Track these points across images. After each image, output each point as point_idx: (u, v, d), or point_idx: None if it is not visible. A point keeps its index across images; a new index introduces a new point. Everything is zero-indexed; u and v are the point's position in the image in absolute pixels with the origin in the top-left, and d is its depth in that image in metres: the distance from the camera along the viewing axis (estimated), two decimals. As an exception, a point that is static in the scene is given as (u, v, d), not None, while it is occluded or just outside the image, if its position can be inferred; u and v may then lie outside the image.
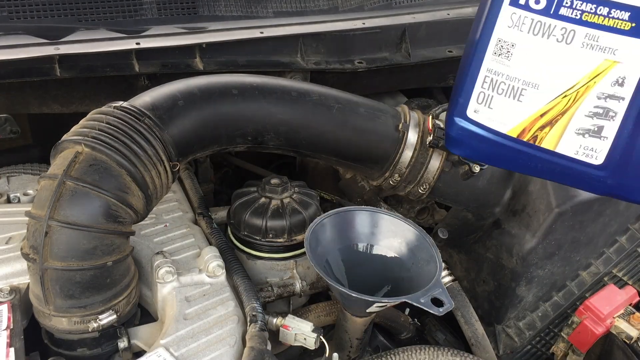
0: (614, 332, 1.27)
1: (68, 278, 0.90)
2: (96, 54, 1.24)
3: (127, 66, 1.29)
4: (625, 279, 1.45)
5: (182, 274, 1.07)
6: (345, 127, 1.15)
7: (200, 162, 1.62)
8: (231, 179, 1.89)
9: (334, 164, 1.31)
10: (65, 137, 0.95)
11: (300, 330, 1.05)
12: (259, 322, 0.99)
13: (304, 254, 1.25)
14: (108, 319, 0.95)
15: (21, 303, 0.98)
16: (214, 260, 1.08)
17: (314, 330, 1.05)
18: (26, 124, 1.55)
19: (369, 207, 1.17)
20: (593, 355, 1.35)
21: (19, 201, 1.25)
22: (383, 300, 1.02)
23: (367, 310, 1.05)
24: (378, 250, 1.13)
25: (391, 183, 1.23)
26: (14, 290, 0.99)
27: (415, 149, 1.19)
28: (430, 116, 1.21)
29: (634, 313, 1.29)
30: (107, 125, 0.95)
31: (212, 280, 1.08)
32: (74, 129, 0.97)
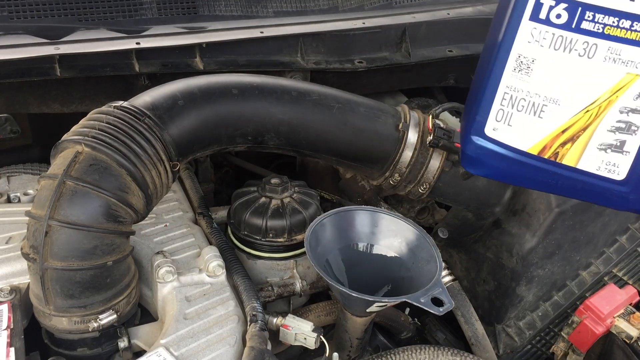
0: (614, 332, 1.27)
1: (68, 278, 0.90)
2: (96, 53, 1.24)
3: (127, 66, 1.29)
4: (625, 278, 1.45)
5: (182, 274, 1.07)
6: (345, 127, 1.15)
7: (201, 162, 1.62)
8: (231, 178, 1.89)
9: (334, 163, 1.31)
10: (65, 137, 0.95)
11: (301, 330, 1.05)
12: (259, 322, 0.99)
13: (304, 253, 1.25)
14: (108, 318, 0.95)
15: (21, 303, 0.98)
16: (214, 260, 1.08)
17: (314, 330, 1.05)
18: (26, 123, 1.55)
19: (369, 207, 1.17)
20: (593, 355, 1.35)
21: (19, 201, 1.25)
22: (383, 300, 1.02)
23: (367, 310, 1.05)
24: (378, 249, 1.13)
25: (391, 183, 1.23)
26: (14, 290, 0.98)
27: (415, 149, 1.18)
28: (431, 116, 1.21)
29: (634, 313, 1.29)
30: (107, 125, 0.95)
31: (212, 280, 1.08)
32: (74, 128, 0.97)
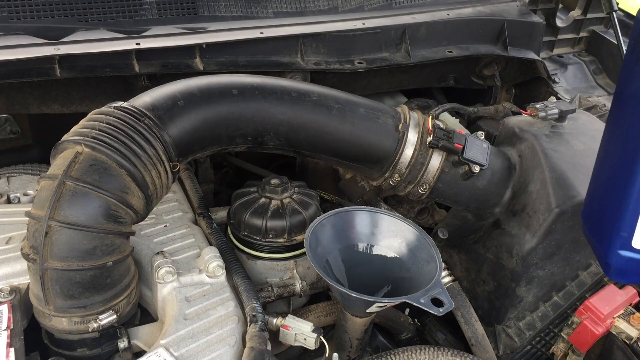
0: (613, 332, 1.27)
1: (68, 278, 0.90)
2: (96, 54, 1.24)
3: (127, 66, 1.29)
4: (625, 279, 1.45)
5: (182, 274, 1.07)
6: (345, 127, 1.15)
7: (200, 163, 1.62)
8: (231, 179, 1.89)
9: (334, 164, 1.31)
10: (65, 138, 0.95)
11: (300, 331, 1.05)
12: (259, 322, 0.99)
13: (304, 254, 1.25)
14: (108, 319, 0.95)
15: (21, 303, 0.98)
16: (214, 261, 1.08)
17: (314, 331, 1.05)
18: (26, 124, 1.55)
19: (369, 208, 1.18)
20: (593, 356, 1.35)
21: (19, 201, 1.25)
22: (383, 301, 1.02)
23: (367, 311, 1.05)
24: (378, 250, 1.13)
25: (391, 183, 1.23)
26: (14, 290, 0.99)
27: (415, 149, 1.19)
28: (430, 116, 1.21)
29: (633, 313, 1.29)
30: (107, 125, 0.95)
31: (212, 281, 1.08)
32: (74, 129, 0.97)
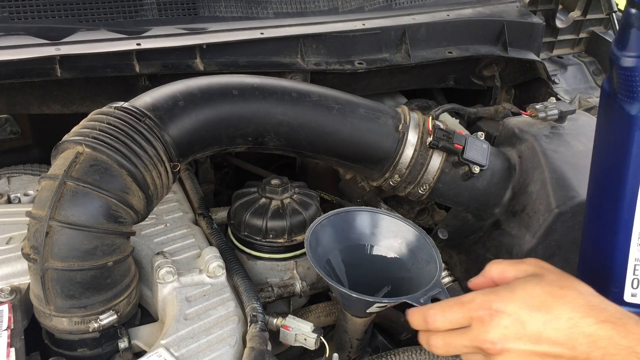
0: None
1: (69, 278, 0.90)
2: (97, 54, 1.24)
3: (128, 67, 1.29)
4: (625, 279, 1.45)
5: (183, 275, 1.07)
6: (345, 128, 1.15)
7: (201, 163, 1.63)
8: (231, 179, 1.89)
9: (334, 164, 1.31)
10: (65, 138, 0.95)
11: (301, 331, 1.05)
12: (260, 323, 0.99)
13: (304, 254, 1.25)
14: (108, 319, 0.95)
15: (22, 303, 0.98)
16: (214, 261, 1.08)
17: (314, 331, 1.05)
18: (27, 124, 1.55)
19: (369, 208, 1.17)
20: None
21: (20, 201, 1.25)
22: (383, 301, 1.02)
23: (367, 311, 1.05)
24: (378, 250, 1.13)
25: (391, 184, 1.23)
26: (14, 290, 0.99)
27: (415, 150, 1.19)
28: (430, 117, 1.22)
29: (633, 314, 1.29)
30: (108, 125, 0.95)
31: (213, 281, 1.08)
32: (75, 129, 0.97)
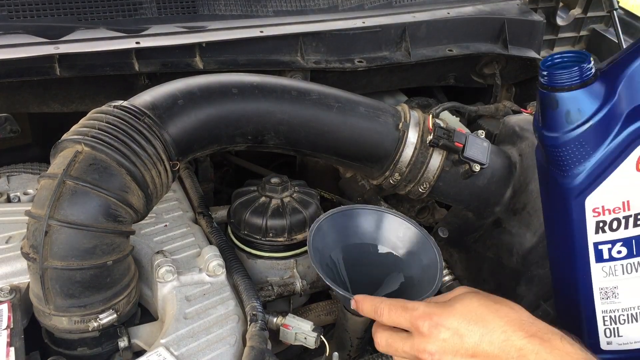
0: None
1: (68, 277, 0.90)
2: (96, 53, 1.24)
3: (127, 65, 1.28)
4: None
5: (182, 273, 1.07)
6: (345, 126, 1.15)
7: (201, 161, 1.62)
8: (231, 178, 1.89)
9: (334, 163, 1.31)
10: (65, 137, 0.94)
11: (301, 330, 1.05)
12: (259, 322, 0.99)
13: (305, 253, 1.25)
14: (108, 318, 0.95)
15: (21, 302, 0.98)
16: (214, 260, 1.08)
17: (314, 330, 1.05)
18: (26, 123, 1.55)
19: (370, 206, 1.17)
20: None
21: (19, 200, 1.25)
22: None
23: (368, 310, 1.04)
24: (379, 249, 1.13)
25: (391, 182, 1.23)
26: (14, 289, 0.98)
27: (415, 148, 1.18)
28: (431, 115, 1.21)
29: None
30: (107, 124, 0.95)
31: (213, 280, 1.08)
32: (74, 128, 0.97)
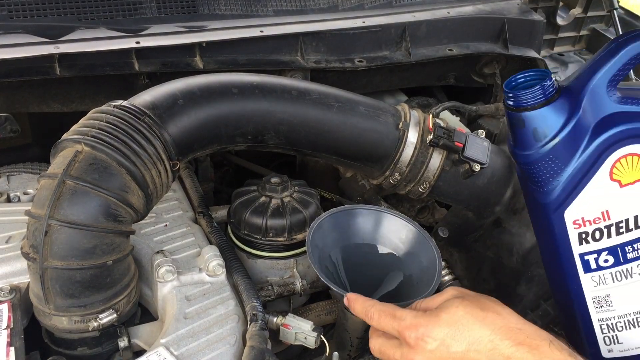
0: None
1: (68, 277, 0.90)
2: (96, 52, 1.24)
3: (127, 65, 1.28)
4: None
5: (182, 273, 1.07)
6: (345, 126, 1.15)
7: (201, 161, 1.62)
8: (231, 177, 1.89)
9: (334, 162, 1.31)
10: (65, 136, 0.94)
11: (301, 329, 1.05)
12: (259, 321, 0.99)
13: (305, 252, 1.25)
14: (108, 318, 0.95)
15: (21, 302, 0.98)
16: (214, 259, 1.08)
17: (314, 329, 1.05)
18: (26, 123, 1.55)
19: (370, 206, 1.17)
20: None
21: (19, 200, 1.25)
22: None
23: (368, 309, 1.04)
24: (378, 249, 1.13)
25: (391, 182, 1.23)
26: (14, 289, 0.98)
27: (415, 148, 1.18)
28: (431, 115, 1.21)
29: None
30: (107, 124, 0.95)
31: (213, 279, 1.08)
32: (74, 128, 0.97)
